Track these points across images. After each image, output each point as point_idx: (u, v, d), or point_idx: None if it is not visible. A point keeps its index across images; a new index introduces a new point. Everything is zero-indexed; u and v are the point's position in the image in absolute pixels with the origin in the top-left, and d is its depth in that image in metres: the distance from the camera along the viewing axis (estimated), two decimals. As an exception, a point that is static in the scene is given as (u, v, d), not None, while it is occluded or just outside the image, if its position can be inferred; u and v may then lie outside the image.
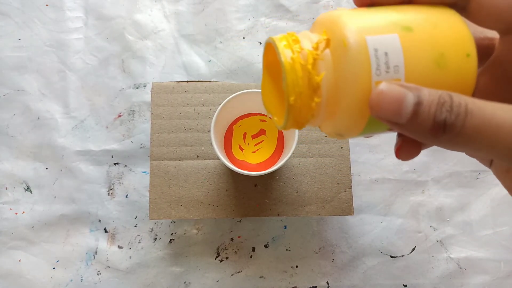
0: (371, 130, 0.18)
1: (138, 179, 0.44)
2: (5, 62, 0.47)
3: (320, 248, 0.43)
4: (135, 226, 0.43)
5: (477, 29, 0.19)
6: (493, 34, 0.19)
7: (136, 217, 0.44)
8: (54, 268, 0.43)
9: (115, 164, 0.45)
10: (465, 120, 0.15)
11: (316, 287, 0.43)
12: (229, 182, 0.40)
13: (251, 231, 0.43)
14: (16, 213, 0.43)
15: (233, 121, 0.41)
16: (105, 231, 0.43)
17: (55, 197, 0.44)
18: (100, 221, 0.44)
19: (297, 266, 0.43)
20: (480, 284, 0.43)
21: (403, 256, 0.43)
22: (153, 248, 0.43)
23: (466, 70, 0.17)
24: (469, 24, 0.17)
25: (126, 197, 0.44)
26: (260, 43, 0.48)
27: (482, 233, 0.44)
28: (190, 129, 0.41)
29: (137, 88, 0.47)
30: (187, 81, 0.42)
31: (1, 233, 0.43)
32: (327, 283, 0.43)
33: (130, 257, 0.43)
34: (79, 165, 0.45)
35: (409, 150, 0.18)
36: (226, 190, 0.40)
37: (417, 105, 0.15)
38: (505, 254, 0.43)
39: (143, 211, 0.44)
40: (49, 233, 0.43)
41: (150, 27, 0.48)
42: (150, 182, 0.40)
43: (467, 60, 0.17)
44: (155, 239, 0.43)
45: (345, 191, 0.39)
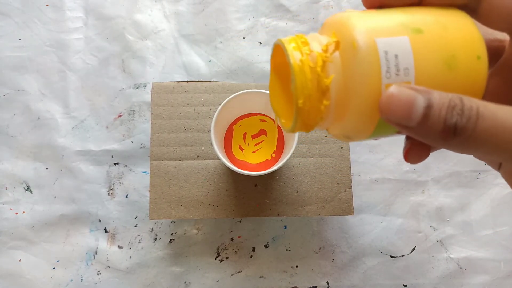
0: (380, 133, 0.18)
1: (138, 179, 0.44)
2: (5, 62, 0.47)
3: (320, 248, 0.43)
4: (135, 226, 0.43)
5: (486, 30, 0.19)
6: (503, 36, 0.19)
7: (136, 217, 0.44)
8: (54, 268, 0.43)
9: (115, 164, 0.45)
10: (477, 124, 0.15)
11: (316, 287, 0.43)
12: (229, 182, 0.40)
13: (251, 231, 0.43)
14: (16, 213, 0.44)
15: (233, 121, 0.41)
16: (105, 231, 0.43)
17: (55, 197, 0.44)
18: (100, 221, 0.44)
19: (297, 266, 0.43)
20: (480, 284, 0.43)
21: (403, 256, 0.43)
22: (153, 248, 0.43)
23: (476, 72, 0.17)
24: (478, 26, 0.17)
25: (126, 197, 0.44)
26: (260, 43, 0.48)
27: (482, 233, 0.44)
28: (190, 129, 0.41)
29: (137, 88, 0.47)
30: (187, 81, 0.42)
31: (1, 233, 0.43)
32: (327, 283, 0.43)
33: (130, 257, 0.43)
34: (79, 165, 0.45)
35: (418, 153, 0.18)
36: (226, 190, 0.40)
37: (428, 108, 0.15)
38: (505, 254, 0.43)
39: (143, 211, 0.44)
40: (49, 233, 0.43)
41: (150, 27, 0.48)
42: (150, 182, 0.40)
43: (478, 62, 0.16)
44: (155, 239, 0.43)
45: (345, 191, 0.39)
